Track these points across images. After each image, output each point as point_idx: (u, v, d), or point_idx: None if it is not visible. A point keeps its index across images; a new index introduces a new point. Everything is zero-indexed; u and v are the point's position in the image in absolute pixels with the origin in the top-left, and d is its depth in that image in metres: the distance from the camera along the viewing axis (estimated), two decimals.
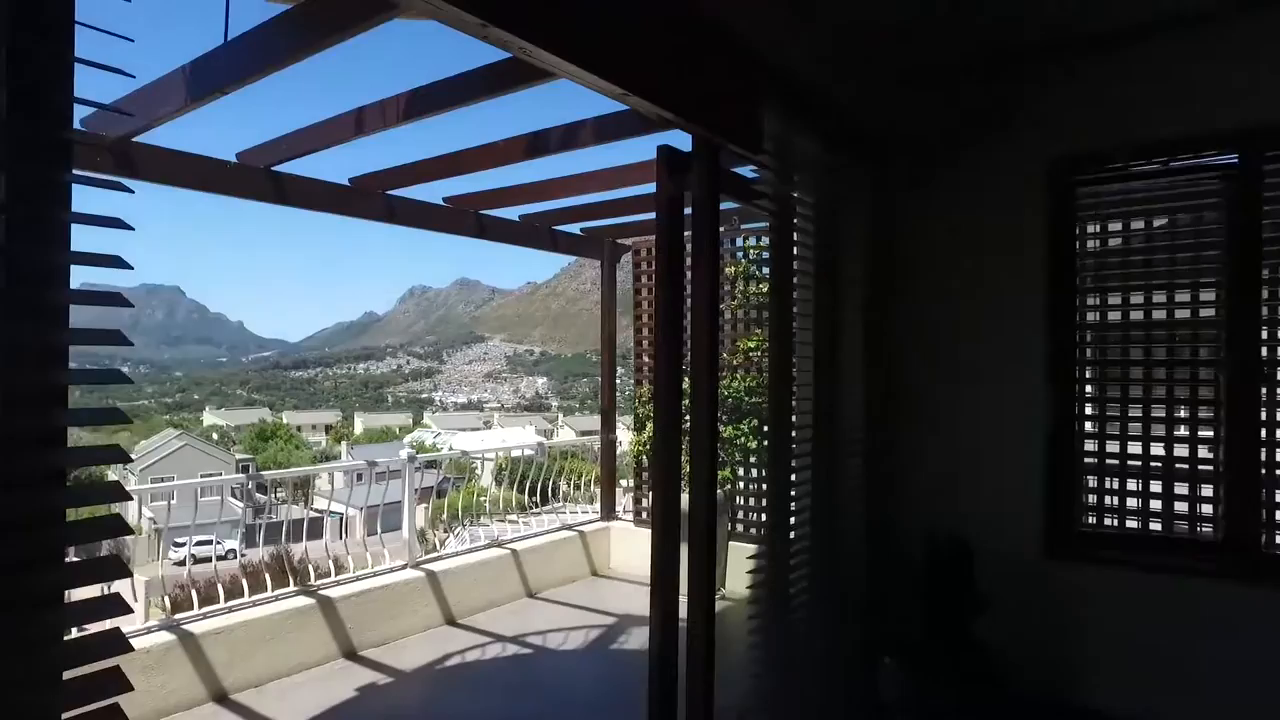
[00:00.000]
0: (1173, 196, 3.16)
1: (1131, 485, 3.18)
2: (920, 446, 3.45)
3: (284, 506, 4.89)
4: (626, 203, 4.86)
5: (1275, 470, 2.90)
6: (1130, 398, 3.20)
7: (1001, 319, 3.29)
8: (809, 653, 2.87)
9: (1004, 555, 3.14)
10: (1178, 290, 3.11)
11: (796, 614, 2.82)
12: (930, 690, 2.66)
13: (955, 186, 3.41)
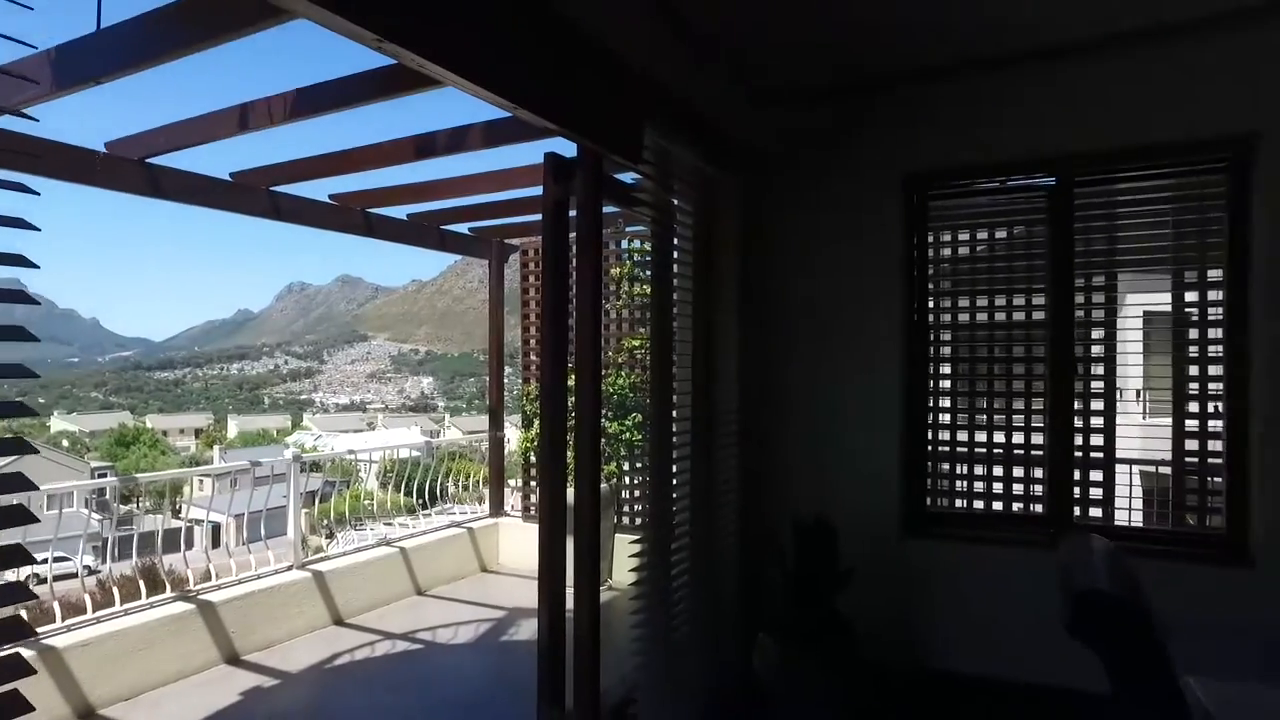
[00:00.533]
0: (1009, 211, 3.55)
1: (979, 470, 3.54)
2: (790, 437, 3.71)
3: (150, 516, 4.69)
4: (515, 204, 4.94)
5: (1089, 454, 3.33)
6: (977, 390, 3.58)
7: (863, 319, 3.59)
8: (689, 633, 3.07)
9: (866, 535, 3.44)
10: (1015, 294, 3.50)
11: (677, 598, 3.01)
12: (797, 661, 2.90)
13: (820, 197, 3.69)
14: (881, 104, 3.58)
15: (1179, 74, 3.09)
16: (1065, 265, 3.33)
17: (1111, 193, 3.36)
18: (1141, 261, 3.43)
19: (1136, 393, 4.32)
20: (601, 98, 2.59)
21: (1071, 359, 3.35)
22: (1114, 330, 3.38)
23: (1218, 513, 3.16)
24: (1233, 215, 3.09)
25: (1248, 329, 3.05)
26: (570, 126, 2.41)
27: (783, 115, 3.75)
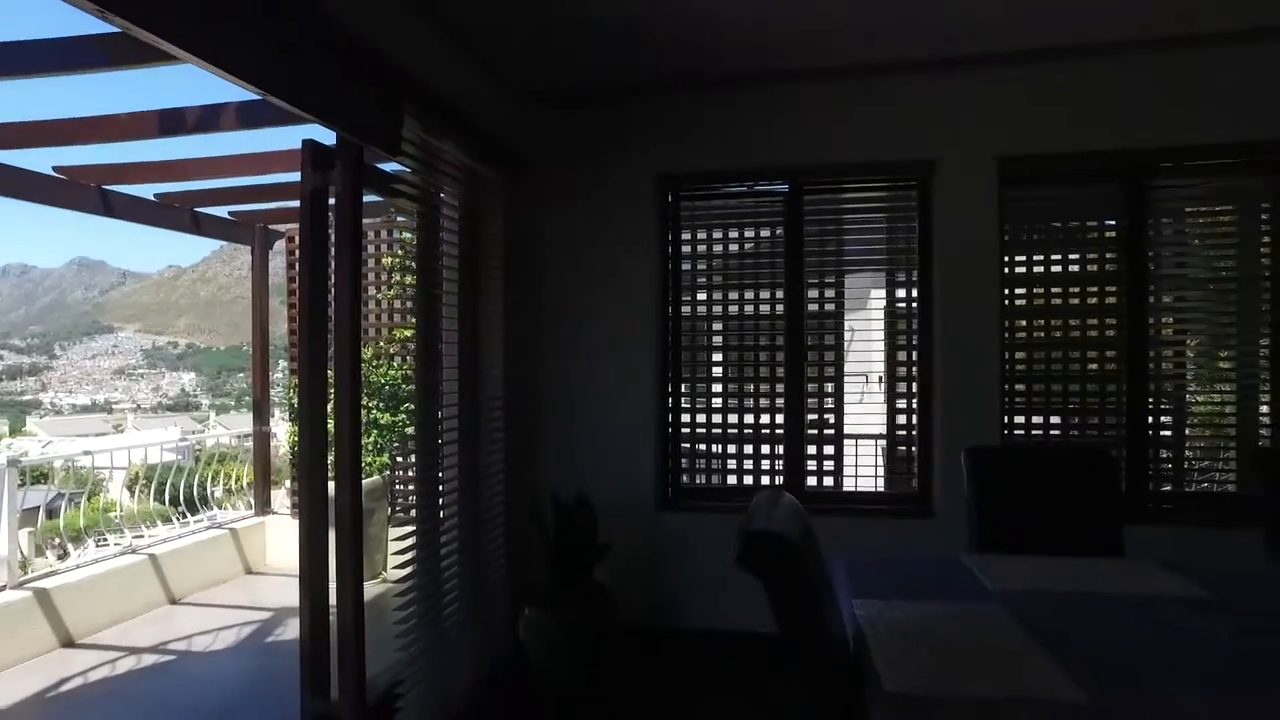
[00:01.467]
0: (755, 214, 3.95)
1: (730, 449, 3.92)
2: (554, 422, 3.91)
3: None
4: (279, 188, 4.72)
5: (822, 430, 3.83)
6: (729, 377, 3.96)
7: (621, 312, 3.85)
8: (458, 614, 3.16)
9: (624, 511, 3.72)
10: (760, 289, 3.91)
11: (447, 583, 3.09)
12: (558, 629, 3.10)
13: (582, 195, 3.90)
14: (639, 109, 3.84)
15: (884, 105, 3.62)
16: (798, 263, 3.79)
17: (838, 201, 3.86)
18: (863, 261, 3.96)
19: (866, 377, 4.98)
20: (358, 88, 2.59)
21: (804, 347, 3.81)
22: (842, 321, 3.89)
23: (915, 476, 3.76)
24: (921, 225, 3.68)
25: (932, 320, 3.65)
26: (323, 115, 2.40)
27: (547, 115, 3.92)
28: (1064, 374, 3.62)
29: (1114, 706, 1.28)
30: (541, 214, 3.92)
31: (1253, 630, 1.64)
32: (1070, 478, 2.42)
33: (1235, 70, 3.34)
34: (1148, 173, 3.52)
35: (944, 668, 1.41)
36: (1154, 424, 3.58)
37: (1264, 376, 3.50)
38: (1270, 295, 3.48)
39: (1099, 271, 3.61)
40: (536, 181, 3.89)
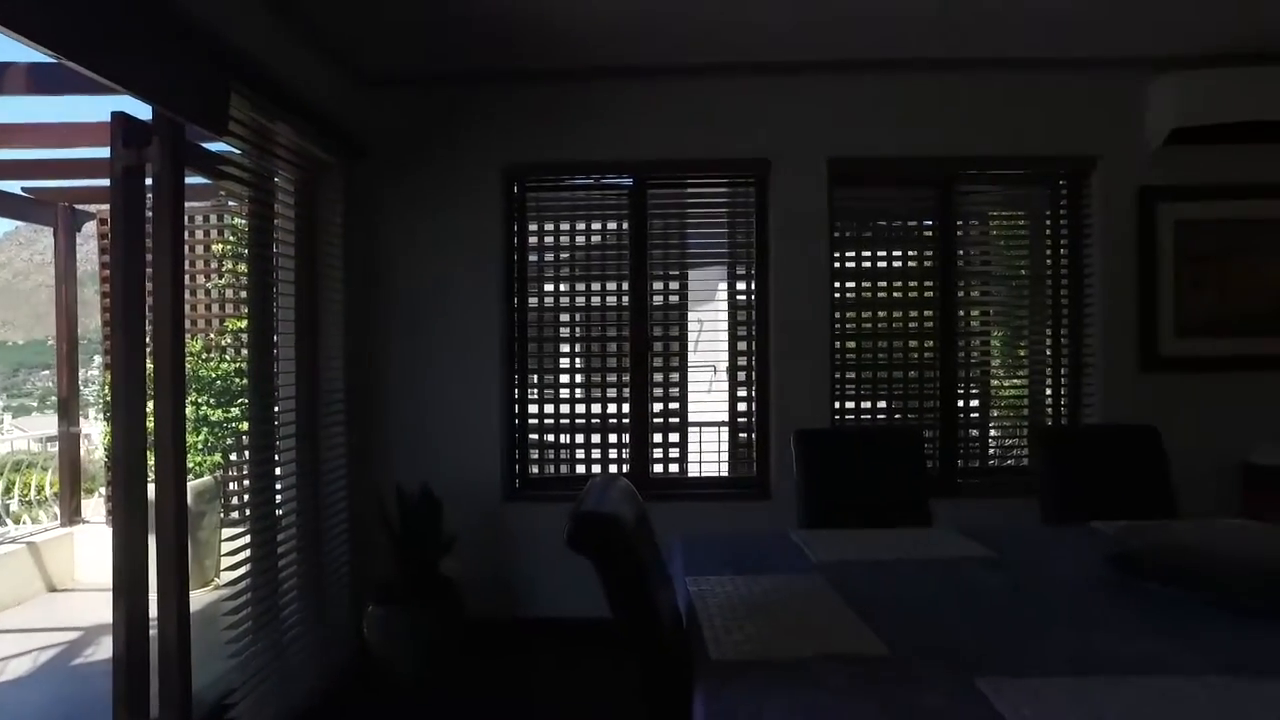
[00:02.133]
0: (601, 206, 4.01)
1: (579, 439, 3.97)
2: (399, 415, 3.82)
3: None
4: (87, 165, 4.31)
5: (668, 419, 3.95)
6: (576, 368, 4.01)
7: (467, 303, 3.81)
8: (299, 616, 3.03)
9: (471, 503, 3.70)
10: (608, 281, 3.97)
11: (285, 584, 2.96)
12: (405, 625, 3.04)
13: (427, 183, 3.82)
14: (486, 98, 3.81)
15: (724, 105, 3.77)
16: (643, 256, 3.89)
17: (681, 196, 3.98)
18: (706, 255, 4.11)
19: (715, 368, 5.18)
20: (177, 59, 2.42)
21: (648, 338, 3.92)
22: (686, 313, 4.02)
23: (754, 460, 3.96)
24: (759, 221, 3.88)
25: (769, 312, 3.86)
26: (132, 84, 2.22)
27: (391, 101, 3.80)
28: (888, 362, 3.92)
29: (909, 655, 1.42)
30: (385, 201, 3.81)
31: (1027, 581, 1.86)
32: (885, 456, 2.65)
33: (1024, 93, 3.75)
34: (955, 179, 3.87)
35: (767, 634, 1.52)
36: (964, 407, 3.95)
37: (1050, 363, 3.94)
38: (1051, 290, 3.92)
39: (918, 267, 3.94)
40: (380, 168, 3.78)
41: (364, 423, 3.69)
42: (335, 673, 3.28)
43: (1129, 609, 1.66)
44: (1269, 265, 3.74)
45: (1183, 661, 1.39)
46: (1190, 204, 3.73)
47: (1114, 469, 2.64)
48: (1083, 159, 3.80)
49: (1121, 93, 3.75)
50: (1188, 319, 3.75)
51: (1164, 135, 3.63)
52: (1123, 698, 1.25)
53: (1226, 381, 3.75)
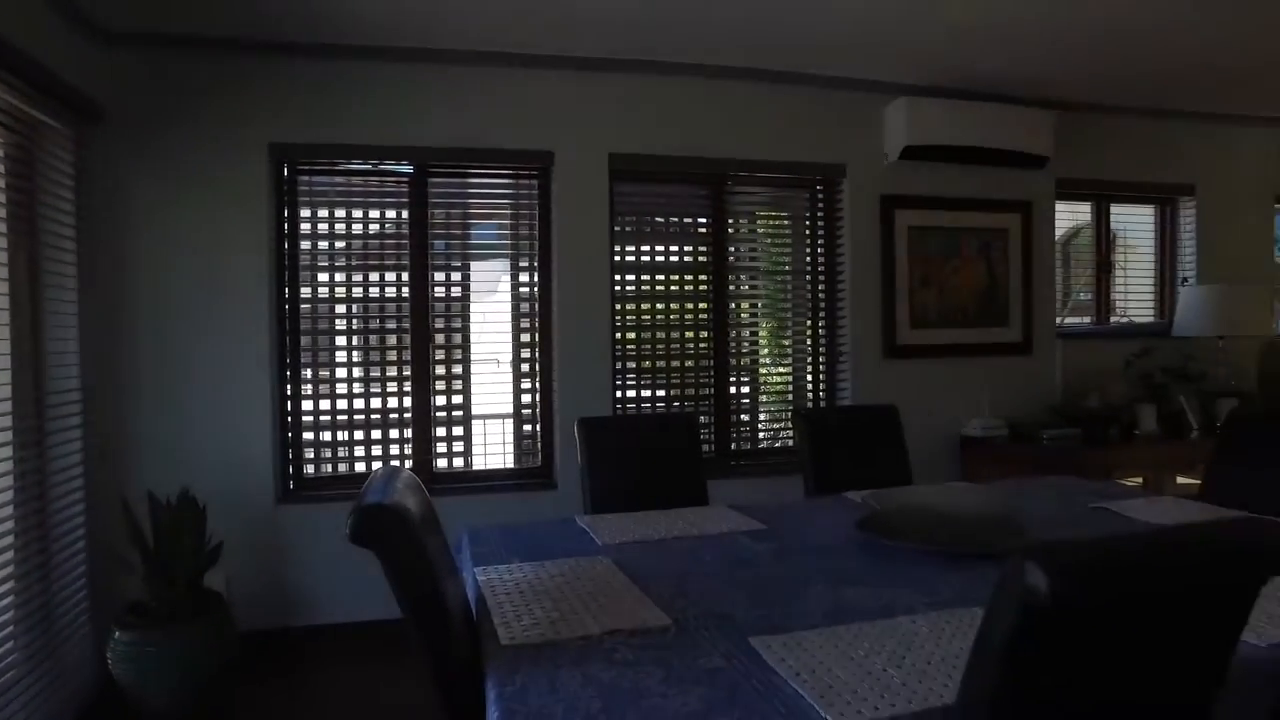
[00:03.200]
0: (380, 193, 3.85)
1: (358, 435, 3.78)
2: (151, 415, 3.43)
3: None
4: None
5: (451, 412, 3.88)
6: (354, 361, 3.81)
7: (233, 289, 3.50)
8: (15, 656, 2.64)
9: (240, 507, 3.41)
10: (386, 270, 3.81)
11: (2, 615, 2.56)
12: (159, 650, 2.75)
13: (182, 158, 3.45)
14: (253, 69, 3.50)
15: (508, 95, 3.76)
16: (423, 246, 3.78)
17: (464, 186, 3.91)
18: (490, 247, 4.07)
19: (498, 360, 5.14)
20: None
21: (429, 330, 3.82)
22: (469, 305, 3.96)
23: (539, 451, 4.00)
24: (542, 214, 3.92)
25: (552, 304, 3.91)
26: None
27: (138, 62, 3.39)
28: (665, 352, 4.12)
29: (689, 623, 1.53)
30: (130, 176, 3.39)
31: (790, 548, 2.06)
32: (663, 442, 2.80)
33: (787, 104, 4.10)
34: (726, 179, 4.15)
35: (556, 616, 1.56)
36: (735, 394, 4.25)
37: (810, 352, 4.34)
38: (810, 285, 4.33)
39: (694, 262, 4.16)
40: (123, 138, 3.36)
41: (107, 426, 3.27)
42: (74, 713, 2.89)
43: (873, 564, 1.89)
44: (971, 267, 4.38)
45: (912, 603, 1.62)
46: (919, 212, 4.28)
47: (863, 444, 2.98)
48: (834, 167, 4.22)
49: (866, 111, 4.22)
50: (919, 312, 4.30)
51: (898, 151, 4.12)
52: (867, 638, 1.43)
53: (947, 366, 4.35)
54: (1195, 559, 1.07)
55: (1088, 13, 3.34)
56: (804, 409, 4.29)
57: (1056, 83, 4.26)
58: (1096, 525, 2.27)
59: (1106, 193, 4.86)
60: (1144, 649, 1.11)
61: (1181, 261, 5.06)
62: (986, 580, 1.67)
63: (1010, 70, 4.05)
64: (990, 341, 4.42)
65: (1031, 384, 4.52)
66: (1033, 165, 4.33)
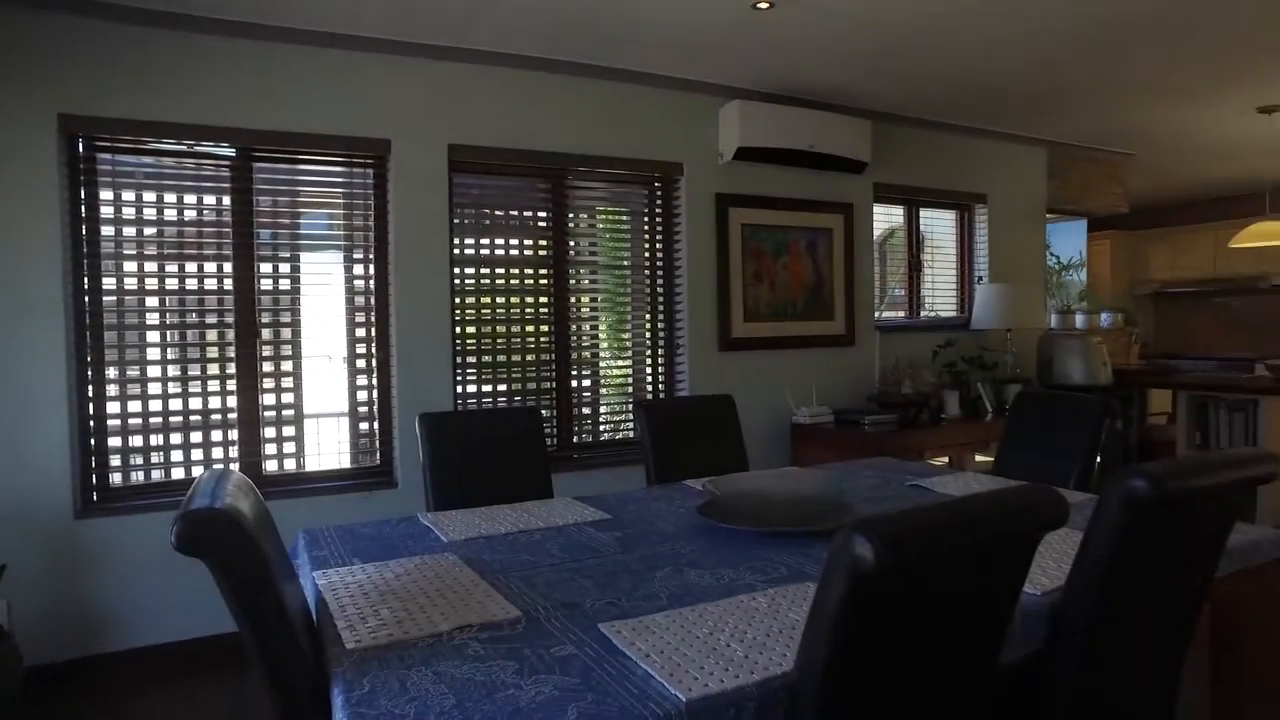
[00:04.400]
0: (199, 177, 3.54)
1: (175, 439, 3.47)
2: None
3: None
4: None
5: (280, 411, 3.65)
6: (170, 359, 3.49)
7: (17, 281, 3.12)
8: None
9: (28, 524, 3.05)
10: (206, 261, 3.52)
11: None
12: None
13: None
14: (39, 27, 3.11)
15: (343, 78, 3.59)
16: (248, 235, 3.54)
17: (294, 173, 3.69)
18: (322, 238, 3.86)
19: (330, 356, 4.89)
20: None
21: (256, 325, 3.58)
22: (299, 298, 3.74)
23: (378, 449, 3.86)
24: (378, 205, 3.77)
25: (389, 298, 3.78)
26: None
27: None
28: (507, 347, 4.09)
29: (539, 614, 1.54)
30: None
31: (634, 536, 2.12)
32: (507, 436, 2.79)
33: (627, 102, 4.18)
34: (567, 173, 4.17)
35: (403, 616, 1.52)
36: (578, 387, 4.29)
37: (649, 345, 4.46)
38: (649, 280, 4.44)
39: (535, 256, 4.15)
40: None
41: None
42: None
43: (714, 547, 1.99)
44: (799, 264, 4.67)
45: (751, 581, 1.72)
46: (752, 210, 4.50)
47: (701, 434, 3.10)
48: (672, 165, 4.35)
49: (702, 113, 4.38)
50: (751, 307, 4.52)
51: (732, 152, 4.31)
52: (711, 616, 1.51)
53: (778, 357, 4.61)
54: (989, 520, 1.22)
55: (896, 34, 3.65)
56: (644, 400, 4.39)
57: (874, 95, 4.61)
58: (912, 500, 2.50)
59: (916, 197, 5.32)
60: (952, 604, 1.25)
61: (977, 262, 5.62)
62: (818, 557, 1.81)
63: (834, 81, 4.34)
64: (817, 334, 4.72)
65: (854, 373, 4.88)
66: (853, 170, 4.67)
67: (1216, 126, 5.50)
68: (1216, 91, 4.73)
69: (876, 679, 1.21)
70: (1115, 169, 6.36)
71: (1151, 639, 1.68)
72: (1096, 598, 1.50)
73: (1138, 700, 1.72)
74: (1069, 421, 2.80)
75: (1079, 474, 2.68)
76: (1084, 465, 2.68)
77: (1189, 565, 1.68)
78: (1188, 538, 1.63)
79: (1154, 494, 1.41)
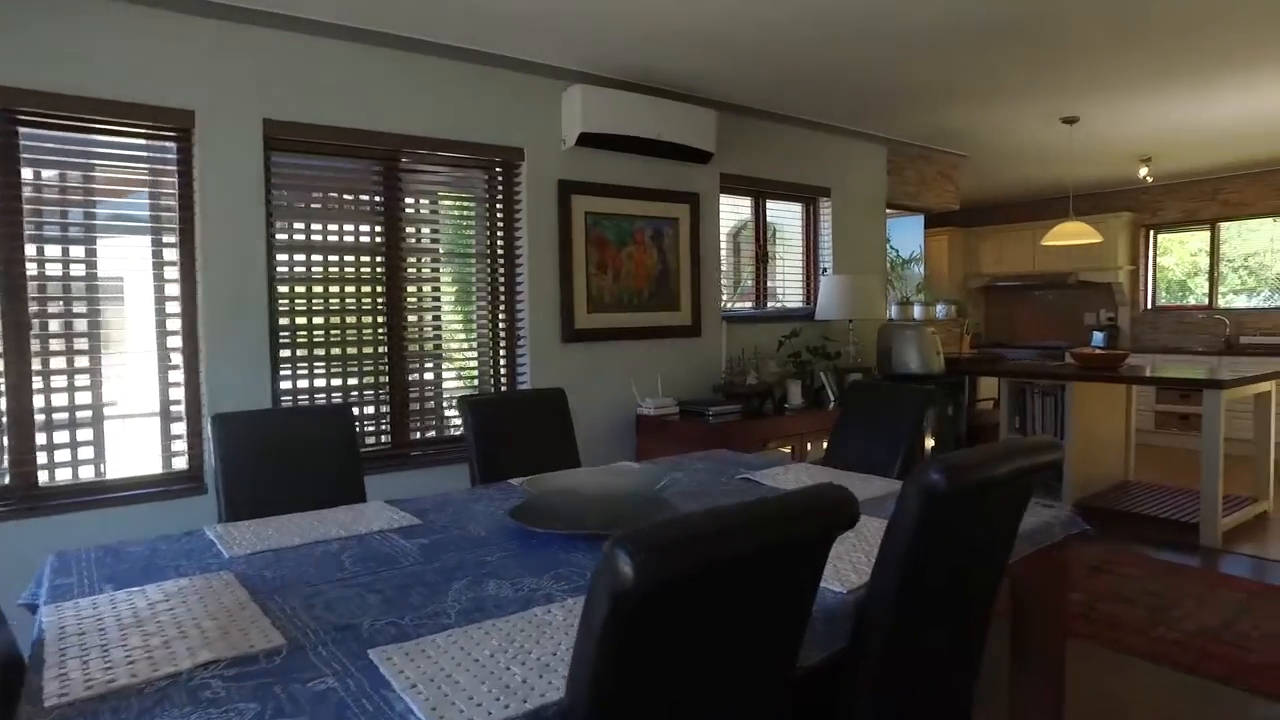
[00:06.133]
0: None
1: None
2: None
3: None
4: None
5: (74, 414, 3.24)
6: None
7: None
8: None
9: None
10: None
11: None
12: None
13: None
14: None
15: (141, 38, 3.20)
16: (13, 213, 3.09)
17: (86, 144, 3.26)
18: (121, 219, 3.45)
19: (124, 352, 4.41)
20: None
21: (26, 317, 3.15)
22: (97, 285, 3.33)
23: (187, 452, 3.50)
24: (183, 185, 3.41)
25: (197, 287, 3.43)
26: None
27: None
28: (341, 339, 3.82)
29: (307, 640, 1.38)
30: None
31: (441, 543, 1.98)
32: (314, 435, 2.57)
33: (467, 83, 3.98)
34: (402, 156, 3.92)
35: (141, 655, 1.32)
36: (418, 381, 4.06)
37: (491, 337, 4.29)
38: (491, 270, 4.27)
39: (370, 243, 3.89)
40: None
41: None
42: None
43: (522, 553, 1.87)
44: (645, 254, 4.62)
45: (551, 591, 1.62)
46: (596, 198, 4.41)
47: (530, 429, 2.98)
48: (513, 150, 4.19)
49: (545, 96, 4.23)
50: (596, 296, 4.43)
51: (575, 137, 4.20)
52: (498, 634, 1.40)
53: (623, 349, 4.55)
54: (769, 525, 1.17)
55: (738, 24, 3.64)
56: (469, 396, 4.16)
57: (719, 85, 4.62)
58: (739, 494, 2.48)
59: (763, 189, 5.39)
60: (734, 613, 1.19)
61: (822, 254, 5.78)
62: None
63: (679, 69, 4.30)
64: (663, 325, 4.69)
65: (700, 364, 4.90)
66: (699, 160, 4.66)
67: (1029, 133, 5.89)
68: (1029, 100, 5.04)
69: (653, 699, 1.13)
70: (949, 169, 6.71)
71: (954, 622, 1.71)
72: (897, 589, 1.50)
73: (943, 682, 1.75)
74: (892, 412, 2.88)
75: (901, 463, 2.75)
76: (905, 454, 2.76)
77: (986, 549, 1.72)
78: (985, 524, 1.67)
79: (949, 486, 1.42)
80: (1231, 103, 5.18)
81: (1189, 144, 6.48)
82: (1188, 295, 8.49)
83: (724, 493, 2.53)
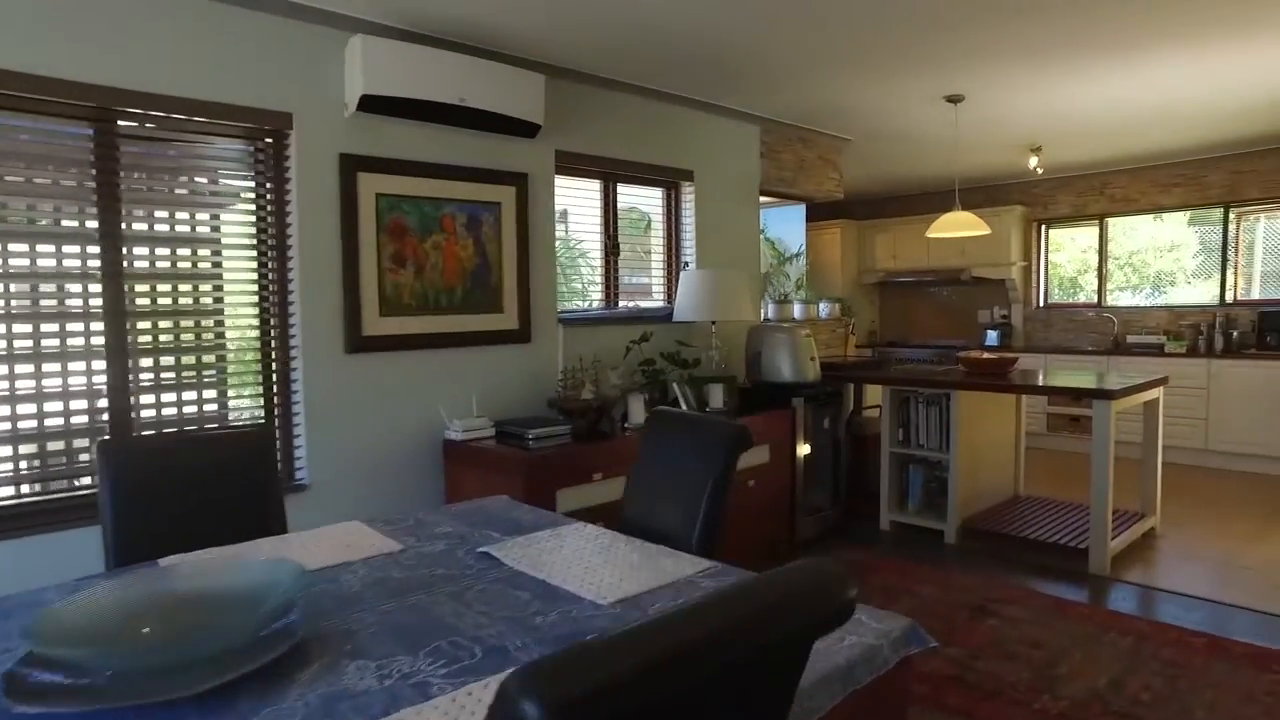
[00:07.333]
0: None
1: None
2: None
3: None
4: None
5: None
6: None
7: None
8: None
9: None
10: None
11: None
12: None
13: None
14: None
15: None
16: None
17: None
18: None
19: None
20: None
21: None
22: None
23: None
24: None
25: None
26: None
27: None
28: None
29: None
30: None
31: None
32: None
33: (218, 27, 3.11)
34: (117, 117, 3.04)
35: None
36: (155, 403, 3.19)
37: (258, 348, 3.45)
38: (258, 264, 3.41)
39: (81, 229, 3.01)
40: None
41: None
42: None
43: None
44: (457, 245, 3.84)
45: None
46: (391, 177, 3.60)
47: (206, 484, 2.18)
48: (279, 115, 3.35)
49: (321, 50, 3.41)
50: (391, 297, 3.63)
51: (355, 102, 3.39)
52: None
53: (429, 360, 3.77)
54: None
55: None
56: (105, 441, 3.20)
57: (552, 47, 3.89)
58: (454, 587, 1.75)
59: (612, 170, 4.67)
60: None
61: (685, 246, 5.12)
62: None
63: (498, 23, 3.54)
64: (482, 329, 3.93)
65: (532, 376, 4.16)
66: (525, 133, 3.92)
67: (914, 114, 5.36)
68: (911, 75, 4.50)
69: None
70: (831, 153, 6.15)
71: None
72: None
73: None
74: (698, 455, 2.19)
75: (701, 531, 2.07)
76: (706, 518, 2.08)
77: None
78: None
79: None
80: (1114, 86, 4.77)
81: (1076, 133, 6.10)
82: (1078, 292, 8.25)
83: (427, 590, 1.78)
